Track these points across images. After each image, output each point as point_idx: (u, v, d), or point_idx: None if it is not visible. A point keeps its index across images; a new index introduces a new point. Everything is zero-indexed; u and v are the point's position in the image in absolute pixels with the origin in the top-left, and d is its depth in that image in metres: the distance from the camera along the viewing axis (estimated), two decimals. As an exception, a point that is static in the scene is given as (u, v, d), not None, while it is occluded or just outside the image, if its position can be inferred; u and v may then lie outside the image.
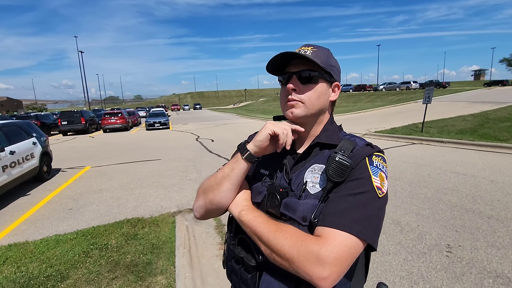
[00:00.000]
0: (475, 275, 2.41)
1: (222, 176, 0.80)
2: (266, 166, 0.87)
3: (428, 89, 9.33)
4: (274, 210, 0.77)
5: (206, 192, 0.83)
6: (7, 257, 3.02)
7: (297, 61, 0.81)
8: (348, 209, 0.67)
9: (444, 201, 3.98)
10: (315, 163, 0.79)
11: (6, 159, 5.02)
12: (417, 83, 38.71)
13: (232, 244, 0.85)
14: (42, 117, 19.34)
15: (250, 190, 0.86)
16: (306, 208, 0.73)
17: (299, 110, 0.79)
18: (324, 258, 0.61)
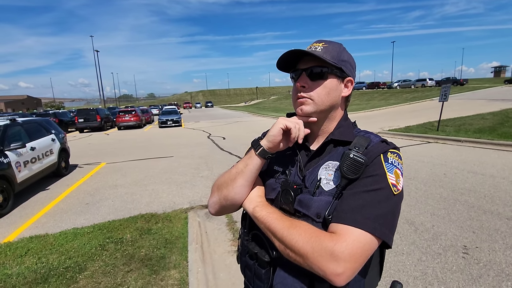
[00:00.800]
0: (493, 278, 2.34)
1: (236, 172, 0.81)
2: (279, 162, 0.87)
3: (445, 86, 9.06)
4: (288, 207, 0.77)
5: (221, 188, 0.84)
6: (29, 249, 3.16)
7: (307, 58, 0.81)
8: (363, 206, 0.67)
9: (460, 201, 3.88)
10: (329, 160, 0.78)
11: (27, 155, 5.22)
12: (433, 80, 37.66)
13: (246, 239, 0.86)
14: (60, 114, 19.98)
15: (263, 187, 0.87)
16: (320, 205, 0.73)
17: (308, 107, 0.79)
18: (339, 254, 0.61)
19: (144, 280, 2.51)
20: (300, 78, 0.80)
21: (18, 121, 5.65)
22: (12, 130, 5.25)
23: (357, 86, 48.22)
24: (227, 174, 0.84)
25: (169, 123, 18.64)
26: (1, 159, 4.57)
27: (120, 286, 2.44)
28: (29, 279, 2.59)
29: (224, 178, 0.84)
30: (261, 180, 0.87)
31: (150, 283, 2.46)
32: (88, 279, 2.56)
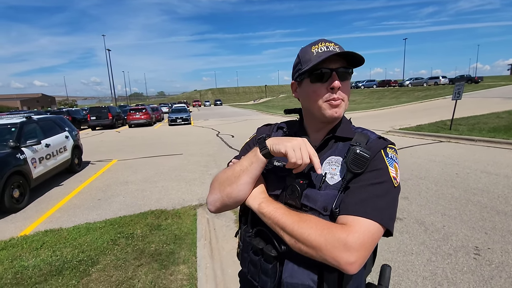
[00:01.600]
0: (505, 279, 2.30)
1: (240, 169, 0.80)
2: (280, 158, 0.84)
3: (458, 84, 8.85)
4: (294, 202, 0.78)
5: (223, 186, 0.82)
6: (44, 242, 3.27)
7: (335, 58, 0.78)
8: (370, 198, 0.71)
9: (473, 201, 3.80)
10: (332, 155, 0.82)
11: (42, 151, 5.38)
12: (446, 78, 36.76)
13: (248, 236, 0.85)
14: (73, 112, 20.42)
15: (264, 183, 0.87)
16: (327, 198, 0.76)
17: (342, 110, 0.81)
18: (352, 244, 0.65)
19: (154, 274, 2.57)
20: (334, 79, 0.77)
21: (33, 119, 5.82)
22: (28, 127, 5.42)
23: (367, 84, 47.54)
24: (229, 171, 0.83)
25: (179, 121, 18.83)
26: (18, 155, 4.72)
27: (131, 279, 2.51)
28: (44, 271, 2.69)
29: (227, 175, 0.83)
30: (262, 177, 0.87)
31: (160, 278, 2.52)
32: (100, 272, 2.64)
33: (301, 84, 0.85)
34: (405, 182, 4.73)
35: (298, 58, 0.85)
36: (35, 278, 2.58)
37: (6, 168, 4.38)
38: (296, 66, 0.86)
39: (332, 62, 0.78)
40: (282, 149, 0.74)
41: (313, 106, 0.82)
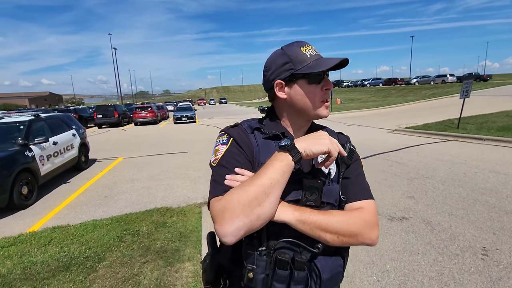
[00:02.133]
0: (514, 281, 2.26)
1: (271, 184, 0.69)
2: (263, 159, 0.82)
3: (466, 82, 8.71)
4: (314, 202, 0.80)
5: (251, 207, 0.68)
6: (52, 238, 3.32)
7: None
8: (365, 183, 0.88)
9: (481, 201, 3.74)
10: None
11: (50, 149, 5.45)
12: (454, 76, 36.22)
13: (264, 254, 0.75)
14: (80, 110, 20.67)
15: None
16: (336, 191, 0.84)
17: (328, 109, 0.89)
18: (375, 221, 0.80)
19: (160, 271, 2.59)
20: (328, 81, 0.84)
21: (41, 117, 5.90)
22: (36, 125, 5.50)
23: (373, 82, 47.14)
24: (254, 188, 0.69)
25: (184, 119, 18.91)
26: (26, 153, 4.80)
27: (136, 276, 2.53)
28: (52, 266, 2.73)
29: (254, 193, 0.68)
30: None
31: (165, 274, 2.54)
32: (107, 268, 2.67)
33: (292, 84, 0.83)
34: (411, 181, 4.69)
35: (287, 57, 0.82)
36: (43, 274, 2.63)
37: (15, 165, 4.45)
38: (283, 66, 0.83)
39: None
40: (324, 148, 0.74)
41: (307, 106, 0.84)
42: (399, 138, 8.63)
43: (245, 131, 0.87)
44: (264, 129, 0.88)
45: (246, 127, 0.89)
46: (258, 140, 0.86)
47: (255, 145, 0.85)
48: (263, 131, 0.87)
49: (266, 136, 0.86)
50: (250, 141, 0.85)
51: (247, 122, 0.91)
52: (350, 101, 30.04)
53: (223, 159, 0.82)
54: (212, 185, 0.81)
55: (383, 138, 8.81)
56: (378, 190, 4.35)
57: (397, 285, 2.31)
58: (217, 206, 0.72)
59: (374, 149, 7.12)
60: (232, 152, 0.82)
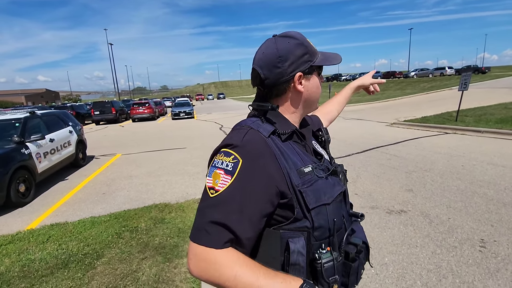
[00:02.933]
0: (511, 272, 2.27)
1: None
2: (299, 162, 0.75)
3: (465, 74, 8.67)
4: (345, 184, 0.87)
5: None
6: (50, 236, 3.31)
7: None
8: None
9: (479, 194, 3.75)
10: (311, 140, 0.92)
11: (46, 146, 5.41)
12: (453, 68, 36.14)
13: (340, 259, 0.74)
14: (77, 107, 20.54)
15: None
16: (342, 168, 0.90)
17: None
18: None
19: (158, 267, 2.59)
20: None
21: (37, 114, 5.84)
22: (31, 123, 5.45)
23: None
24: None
25: (182, 115, 18.83)
26: (23, 150, 4.76)
27: (135, 272, 2.53)
28: (50, 264, 2.72)
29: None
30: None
31: (164, 270, 2.54)
32: (105, 265, 2.66)
33: (309, 76, 0.80)
34: (410, 174, 4.69)
35: (305, 48, 0.77)
36: (41, 271, 2.62)
37: (12, 163, 4.42)
38: (302, 57, 0.76)
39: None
40: None
41: (317, 98, 0.86)
42: (397, 132, 8.62)
43: (261, 137, 0.72)
44: (279, 129, 0.76)
45: (262, 130, 0.74)
46: (279, 144, 0.74)
47: (276, 152, 0.71)
48: (280, 132, 0.76)
49: (286, 136, 0.77)
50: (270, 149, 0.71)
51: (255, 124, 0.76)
52: (348, 95, 29.92)
53: (228, 194, 0.66)
54: (204, 226, 0.65)
55: (381, 131, 8.80)
56: (377, 184, 4.35)
57: (396, 278, 2.31)
58: (210, 259, 0.62)
59: (373, 143, 7.11)
60: (240, 186, 0.66)
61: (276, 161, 0.70)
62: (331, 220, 0.73)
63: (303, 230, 0.70)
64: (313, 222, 0.70)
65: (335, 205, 0.76)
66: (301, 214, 0.70)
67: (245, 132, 0.73)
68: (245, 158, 0.68)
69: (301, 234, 0.70)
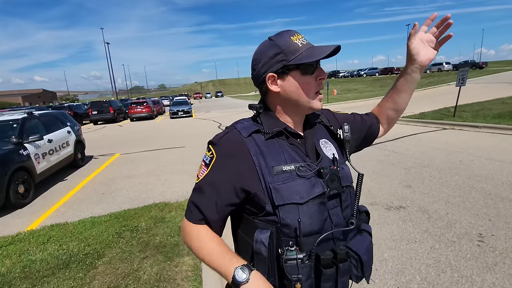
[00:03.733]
0: (509, 266, 2.30)
1: (210, 261, 0.75)
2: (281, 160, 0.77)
3: (462, 70, 8.70)
4: (337, 189, 0.79)
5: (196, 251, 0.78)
6: (50, 236, 3.31)
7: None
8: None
9: (477, 188, 3.78)
10: (320, 138, 0.89)
11: (45, 147, 5.40)
12: (450, 64, 36.20)
13: (307, 261, 0.72)
14: (75, 107, 20.44)
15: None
16: (349, 172, 0.87)
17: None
18: None
19: (159, 266, 2.60)
20: (321, 71, 0.80)
21: (35, 114, 5.82)
22: (29, 123, 5.43)
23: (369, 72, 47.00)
24: (201, 256, 0.77)
25: (180, 113, 18.79)
26: (21, 151, 4.75)
27: (136, 272, 2.54)
28: (51, 264, 2.73)
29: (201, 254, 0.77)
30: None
31: (165, 269, 2.55)
32: (106, 265, 2.67)
33: (285, 76, 0.78)
34: (408, 170, 4.71)
35: (278, 47, 0.76)
36: (42, 272, 2.62)
37: (10, 164, 4.40)
38: (274, 57, 0.77)
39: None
40: None
41: (302, 98, 0.79)
42: (395, 127, 8.57)
43: (240, 137, 0.79)
44: (263, 128, 0.81)
45: (241, 130, 0.81)
46: (259, 143, 0.79)
47: (254, 151, 0.77)
48: (264, 131, 0.80)
49: (269, 136, 0.80)
50: (247, 148, 0.78)
51: (241, 124, 0.83)
52: (346, 92, 29.98)
53: (203, 183, 0.80)
54: (188, 204, 0.82)
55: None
56: (376, 180, 4.37)
57: (395, 273, 2.34)
58: (187, 230, 0.81)
59: (371, 139, 7.13)
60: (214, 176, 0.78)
61: (249, 159, 0.77)
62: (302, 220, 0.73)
63: (272, 224, 0.74)
64: (280, 219, 0.73)
65: (311, 206, 0.75)
66: (271, 209, 0.74)
67: (226, 132, 0.83)
68: (218, 155, 0.79)
69: (270, 227, 0.74)
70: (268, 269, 0.73)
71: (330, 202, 0.79)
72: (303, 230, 0.72)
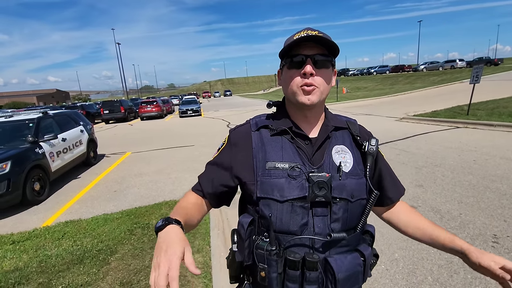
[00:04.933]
0: (525, 268, 2.24)
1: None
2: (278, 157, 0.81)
3: (477, 67, 8.47)
4: (324, 197, 0.76)
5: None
6: (65, 232, 3.41)
7: (310, 44, 0.78)
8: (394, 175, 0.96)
9: (491, 188, 3.69)
10: (336, 144, 0.85)
11: (59, 146, 5.55)
12: (464, 61, 35.25)
13: (275, 253, 0.75)
14: (87, 107, 20.86)
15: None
16: (351, 186, 0.80)
17: (315, 97, 0.79)
18: None
19: (170, 263, 2.64)
20: (308, 65, 0.77)
21: (49, 114, 5.98)
22: (44, 123, 5.58)
23: (379, 70, 46.25)
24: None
25: (189, 112, 18.92)
26: (37, 150, 4.89)
27: (148, 268, 2.59)
28: (66, 259, 2.81)
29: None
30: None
31: (175, 266, 2.59)
32: (119, 261, 2.74)
33: (281, 71, 0.87)
34: (420, 169, 4.63)
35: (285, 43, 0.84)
36: (58, 267, 2.71)
37: (27, 162, 4.55)
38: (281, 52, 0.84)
39: (308, 48, 0.78)
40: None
41: (289, 92, 0.82)
42: (407, 126, 8.51)
43: (249, 130, 0.88)
44: (273, 125, 0.86)
45: (253, 124, 0.89)
46: (264, 137, 0.85)
47: (256, 144, 0.84)
48: (271, 127, 0.85)
49: (274, 132, 0.84)
50: (251, 141, 0.85)
51: (256, 119, 0.91)
52: (356, 90, 29.62)
53: (211, 162, 0.92)
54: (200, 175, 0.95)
55: (390, 126, 8.69)
56: (386, 179, 4.31)
57: (406, 273, 2.31)
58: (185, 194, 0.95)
59: (382, 138, 7.04)
60: (218, 159, 0.90)
61: (250, 151, 0.84)
62: (274, 217, 0.77)
63: (255, 213, 0.82)
64: (260, 210, 0.80)
65: (288, 206, 0.77)
66: (256, 200, 0.80)
67: (241, 124, 0.93)
68: (228, 142, 0.91)
69: (254, 213, 0.82)
70: (245, 249, 0.81)
71: (319, 209, 0.77)
72: (276, 226, 0.77)
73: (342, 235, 0.76)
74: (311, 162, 0.81)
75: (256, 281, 0.80)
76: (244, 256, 0.81)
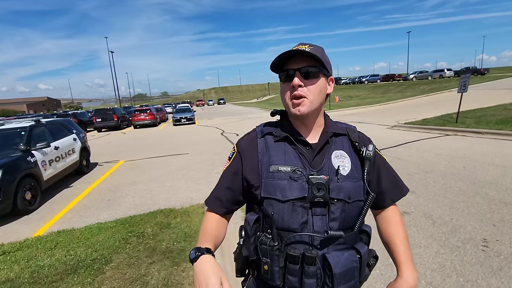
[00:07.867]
0: (514, 271, 2.30)
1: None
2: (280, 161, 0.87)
3: (464, 76, 8.76)
4: (323, 198, 0.82)
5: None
6: (58, 242, 3.35)
7: (298, 58, 0.86)
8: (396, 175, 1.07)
9: (480, 194, 3.79)
10: (335, 149, 0.90)
11: (51, 154, 5.48)
12: (452, 70, 36.27)
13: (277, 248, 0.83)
14: (79, 115, 20.69)
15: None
16: (348, 188, 0.86)
17: (305, 107, 0.86)
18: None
19: (167, 271, 2.63)
20: (295, 77, 0.85)
21: (42, 122, 5.92)
22: (37, 131, 5.52)
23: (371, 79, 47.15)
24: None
25: (183, 121, 18.89)
26: (29, 158, 4.82)
27: (144, 276, 2.57)
28: (59, 270, 2.77)
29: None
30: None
31: (172, 274, 2.58)
32: (114, 270, 2.70)
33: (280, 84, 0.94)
34: (412, 176, 4.73)
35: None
36: (51, 277, 2.66)
37: (18, 171, 4.47)
38: None
39: (296, 62, 0.86)
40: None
41: (284, 104, 0.91)
42: (398, 134, 8.68)
43: (255, 137, 0.96)
44: (277, 132, 0.93)
45: (258, 132, 0.97)
46: (269, 143, 0.92)
47: (261, 150, 0.91)
48: (275, 134, 0.93)
49: (277, 139, 0.91)
50: (257, 146, 0.93)
51: (261, 127, 0.98)
52: (348, 98, 30.09)
53: (224, 174, 0.98)
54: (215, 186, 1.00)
55: (382, 134, 8.85)
56: (379, 186, 4.38)
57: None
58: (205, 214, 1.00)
59: (374, 146, 7.15)
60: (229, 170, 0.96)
61: (255, 156, 0.91)
62: (276, 215, 0.84)
63: (260, 212, 0.89)
64: (264, 209, 0.87)
65: (290, 206, 0.84)
66: (260, 199, 0.88)
67: (248, 132, 1.00)
68: (237, 150, 0.97)
69: (259, 212, 0.90)
70: (251, 245, 0.89)
71: (318, 209, 0.84)
72: (278, 224, 0.84)
73: (339, 233, 0.82)
74: (311, 165, 0.87)
75: (260, 274, 0.87)
76: (250, 251, 0.89)
